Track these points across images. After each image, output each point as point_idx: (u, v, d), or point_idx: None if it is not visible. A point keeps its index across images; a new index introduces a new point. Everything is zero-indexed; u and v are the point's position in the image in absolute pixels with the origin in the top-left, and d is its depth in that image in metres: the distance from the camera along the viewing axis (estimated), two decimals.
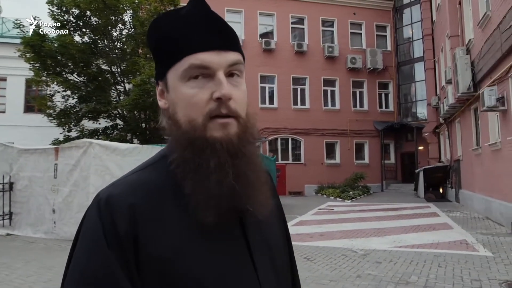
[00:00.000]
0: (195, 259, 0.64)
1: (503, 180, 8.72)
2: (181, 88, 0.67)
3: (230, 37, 0.71)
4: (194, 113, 0.66)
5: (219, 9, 19.47)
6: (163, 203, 0.66)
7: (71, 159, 7.90)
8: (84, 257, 0.62)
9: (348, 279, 4.90)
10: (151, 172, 0.71)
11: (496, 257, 5.86)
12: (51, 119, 13.21)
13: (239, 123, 0.68)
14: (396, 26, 22.62)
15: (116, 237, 0.61)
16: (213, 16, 0.70)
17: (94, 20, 12.86)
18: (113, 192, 0.65)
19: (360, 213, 11.69)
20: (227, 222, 0.68)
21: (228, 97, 0.65)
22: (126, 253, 0.61)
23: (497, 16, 8.45)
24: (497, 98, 8.40)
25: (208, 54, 0.66)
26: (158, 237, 0.63)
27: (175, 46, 0.68)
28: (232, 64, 0.68)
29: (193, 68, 0.66)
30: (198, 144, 0.65)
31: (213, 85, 0.66)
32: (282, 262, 0.78)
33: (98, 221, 0.62)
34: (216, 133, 0.66)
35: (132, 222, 0.62)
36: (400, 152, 22.03)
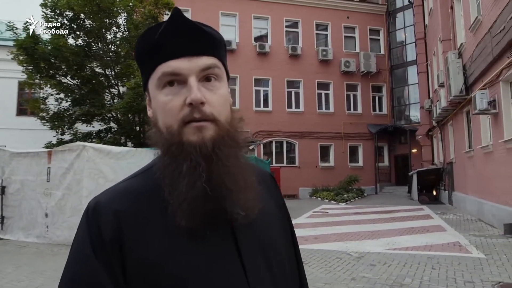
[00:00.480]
0: (179, 263, 0.64)
1: (494, 183, 8.81)
2: (158, 96, 0.69)
3: (204, 42, 0.70)
4: (170, 119, 0.67)
5: (214, 13, 19.53)
6: (148, 209, 0.67)
7: (64, 163, 7.85)
8: (72, 265, 0.65)
9: (342, 281, 4.92)
10: (141, 179, 0.73)
11: (488, 259, 5.91)
12: (44, 122, 13.11)
13: (217, 126, 0.68)
14: (389, 30, 22.82)
15: (101, 244, 0.63)
16: (186, 25, 0.70)
17: (88, 23, 12.81)
18: (100, 200, 0.68)
19: (355, 216, 11.73)
20: (214, 227, 0.68)
21: (198, 102, 0.66)
22: (112, 259, 0.63)
23: (488, 20, 8.56)
24: (489, 101, 8.50)
25: (179, 61, 0.67)
26: (142, 243, 0.64)
27: (150, 57, 0.70)
28: (205, 69, 0.69)
29: (166, 76, 0.68)
30: (174, 149, 0.67)
31: (186, 91, 0.67)
32: (281, 263, 0.77)
33: (86, 229, 0.65)
34: (192, 137, 0.66)
35: (117, 228, 0.64)
36: (393, 154, 22.17)
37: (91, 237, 0.64)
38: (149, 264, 0.63)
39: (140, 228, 0.65)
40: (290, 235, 0.88)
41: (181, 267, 0.64)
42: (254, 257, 0.72)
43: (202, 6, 19.37)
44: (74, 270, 0.64)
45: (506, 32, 7.28)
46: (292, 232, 0.89)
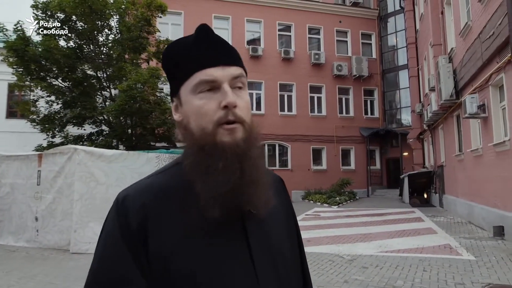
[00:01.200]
0: (194, 256, 0.71)
1: (484, 186, 8.92)
2: (193, 100, 0.76)
3: (232, 54, 0.80)
4: (204, 121, 0.75)
5: (207, 16, 19.53)
6: (171, 204, 0.74)
7: (55, 166, 7.78)
8: (102, 248, 0.73)
9: (335, 284, 4.93)
10: (165, 176, 0.80)
11: (478, 261, 5.98)
12: (35, 124, 12.95)
13: (244, 128, 0.76)
14: (381, 34, 23.03)
15: (129, 232, 0.70)
16: (216, 38, 0.80)
17: (79, 25, 12.72)
18: (129, 193, 0.75)
19: (347, 219, 11.78)
20: (229, 222, 0.74)
21: (233, 105, 0.74)
22: (137, 246, 0.70)
23: (478, 26, 8.69)
24: (478, 105, 8.61)
25: (215, 69, 0.76)
26: (163, 234, 0.71)
27: (186, 65, 0.77)
28: (235, 77, 0.78)
29: (203, 82, 0.75)
30: (208, 148, 0.73)
31: (220, 96, 0.75)
32: (286, 261, 0.83)
33: (115, 218, 0.73)
34: (225, 138, 0.74)
35: (143, 219, 0.71)
36: (385, 158, 22.33)
37: (120, 225, 0.71)
38: (167, 254, 0.70)
39: (162, 220, 0.72)
40: (296, 237, 0.93)
41: (195, 260, 0.71)
42: (263, 255, 0.77)
43: (195, 9, 19.37)
44: (104, 253, 0.72)
45: (495, 37, 7.40)
46: (298, 234, 0.95)
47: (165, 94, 14.00)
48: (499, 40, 7.23)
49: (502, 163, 7.60)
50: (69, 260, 6.51)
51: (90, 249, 7.04)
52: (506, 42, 6.95)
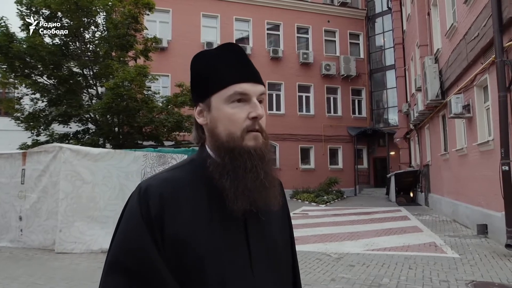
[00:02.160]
0: (202, 244, 0.81)
1: (468, 184, 9.08)
2: (225, 108, 0.87)
3: (258, 74, 0.92)
4: (234, 127, 0.86)
5: (195, 14, 19.45)
6: (184, 195, 0.85)
7: (40, 164, 7.64)
8: (125, 227, 0.83)
9: (322, 282, 4.96)
10: (182, 171, 0.90)
11: (462, 258, 6.08)
12: (19, 122, 12.71)
13: (263, 137, 0.89)
14: (368, 35, 23.25)
15: (149, 218, 0.80)
16: (248, 59, 0.92)
17: (65, 22, 12.51)
18: (151, 184, 0.85)
19: (334, 217, 11.86)
20: (233, 218, 0.85)
21: (261, 116, 0.87)
22: (155, 230, 0.80)
23: (463, 27, 8.83)
24: (463, 105, 8.76)
25: (248, 84, 0.88)
26: (178, 222, 0.81)
27: (221, 77, 0.88)
28: (261, 94, 0.90)
29: (237, 94, 0.86)
30: (237, 151, 0.85)
31: (249, 107, 0.87)
32: (280, 258, 0.94)
33: (137, 205, 0.82)
34: (250, 142, 0.86)
35: (161, 208, 0.81)
36: (372, 157, 22.56)
37: (141, 211, 0.81)
38: (179, 240, 0.80)
39: (178, 210, 0.82)
40: (289, 235, 1.05)
41: (201, 247, 0.81)
42: (259, 248, 0.88)
43: (184, 7, 19.25)
44: (125, 233, 0.82)
45: (480, 38, 7.53)
46: (291, 235, 1.07)
47: (153, 93, 13.88)
48: (483, 41, 7.36)
49: (486, 163, 7.74)
50: (54, 260, 6.41)
51: (76, 248, 6.95)
52: (490, 44, 7.08)
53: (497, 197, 6.77)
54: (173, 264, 0.79)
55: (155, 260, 0.78)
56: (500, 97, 6.52)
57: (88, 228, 7.07)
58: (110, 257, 0.82)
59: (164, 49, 18.33)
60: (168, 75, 18.14)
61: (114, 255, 0.81)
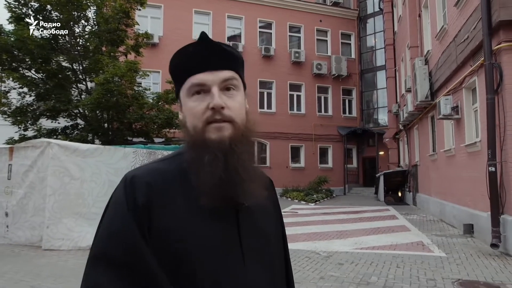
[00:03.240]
0: (189, 235, 0.79)
1: (455, 185, 9.21)
2: (187, 102, 0.87)
3: (224, 59, 0.88)
4: (196, 120, 0.84)
5: (187, 10, 19.32)
6: (173, 187, 0.83)
7: (27, 160, 7.52)
8: (110, 217, 0.81)
9: (311, 280, 4.99)
10: (169, 163, 0.89)
11: (449, 257, 6.17)
12: (6, 117, 12.47)
13: (233, 127, 0.84)
14: (360, 35, 23.38)
15: (135, 206, 0.78)
16: (211, 44, 0.88)
17: (55, 15, 12.31)
18: (136, 173, 0.83)
19: (324, 216, 11.92)
20: (223, 210, 0.83)
21: (219, 106, 0.82)
22: (143, 220, 0.78)
23: (453, 29, 8.94)
24: (452, 107, 8.87)
25: (204, 74, 0.85)
26: (164, 213, 0.79)
27: (181, 71, 0.88)
28: (225, 80, 0.86)
29: (194, 86, 0.85)
30: (198, 144, 0.83)
31: (209, 98, 0.83)
32: (272, 252, 0.92)
33: (123, 194, 0.80)
34: (212, 135, 0.83)
35: (147, 197, 0.79)
36: (362, 156, 22.74)
37: (127, 200, 0.79)
38: (166, 230, 0.78)
39: (165, 201, 0.80)
40: (281, 235, 1.03)
41: (190, 239, 0.79)
42: (250, 241, 0.86)
43: (176, 3, 19.12)
44: (110, 225, 0.80)
45: (470, 41, 7.63)
46: (283, 232, 1.05)
47: (143, 89, 13.76)
48: (473, 44, 7.46)
49: (473, 163, 7.86)
50: (41, 257, 6.32)
51: (63, 245, 6.87)
52: (479, 46, 7.17)
53: (484, 197, 6.88)
54: (161, 256, 0.77)
55: (143, 251, 0.76)
56: (488, 99, 6.62)
57: (76, 225, 6.99)
58: (95, 249, 0.79)
59: (155, 45, 18.19)
60: (159, 71, 18.00)
61: (100, 247, 0.78)
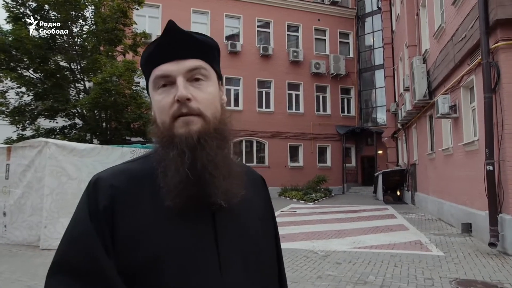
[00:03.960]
0: (158, 240, 0.73)
1: (453, 184, 9.22)
2: (154, 96, 0.80)
3: (190, 47, 0.80)
4: (163, 115, 0.77)
5: (185, 9, 19.29)
6: (141, 189, 0.77)
7: (25, 159, 7.51)
8: (72, 223, 0.76)
9: (308, 280, 4.99)
10: (139, 163, 0.83)
11: (447, 256, 6.18)
12: (3, 116, 12.44)
13: (203, 120, 0.77)
14: (358, 34, 23.38)
15: (96, 211, 0.73)
16: (178, 33, 0.79)
17: (53, 15, 12.29)
18: (101, 175, 0.78)
19: (322, 215, 11.93)
20: (196, 212, 0.77)
21: (184, 98, 0.75)
22: (104, 225, 0.72)
23: (451, 28, 8.94)
24: (450, 106, 8.88)
25: (167, 64, 0.78)
26: (131, 216, 0.74)
27: (147, 64, 0.82)
28: (191, 70, 0.78)
29: (158, 78, 0.79)
30: (165, 140, 0.77)
31: (175, 90, 0.76)
32: (257, 254, 0.84)
33: (85, 199, 0.76)
34: (180, 129, 0.75)
35: (111, 199, 0.74)
36: (360, 155, 22.75)
37: (89, 205, 0.74)
38: (131, 236, 0.72)
39: (131, 203, 0.75)
40: (273, 233, 0.96)
41: (159, 244, 0.72)
42: (229, 243, 0.79)
43: (173, 2, 19.08)
44: (71, 231, 0.75)
45: (467, 40, 7.63)
46: (276, 232, 0.99)
47: (141, 88, 13.74)
48: (470, 42, 7.47)
49: (471, 162, 7.87)
50: (39, 257, 6.31)
51: None
52: (477, 45, 7.18)
53: (481, 196, 6.89)
54: (126, 263, 0.71)
55: (101, 258, 0.70)
56: (486, 98, 6.62)
57: None
58: (56, 256, 0.75)
59: None
60: None
61: (59, 254, 0.75)
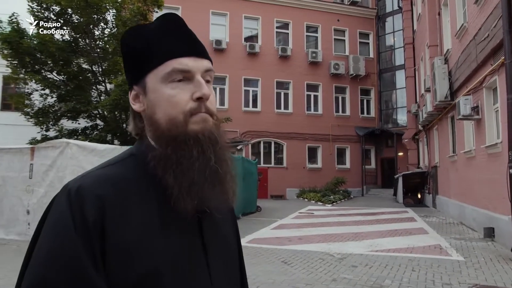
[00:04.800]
0: (152, 254, 0.68)
1: (475, 187, 8.97)
2: (163, 89, 0.73)
3: (203, 48, 0.78)
4: (175, 111, 0.72)
5: (204, 11, 19.49)
6: (129, 196, 0.70)
7: (47, 159, 7.73)
8: (51, 241, 0.64)
9: (323, 282, 4.95)
10: (120, 167, 0.74)
11: (467, 261, 6.02)
12: (28, 117, 12.88)
13: (214, 120, 0.76)
14: (378, 34, 23.06)
15: (84, 226, 0.64)
16: (187, 28, 0.78)
17: (75, 18, 12.63)
18: (83, 184, 0.68)
19: (340, 217, 11.81)
20: (186, 219, 0.72)
21: (207, 96, 0.73)
22: (93, 241, 0.64)
23: (473, 27, 8.71)
24: (472, 107, 8.64)
25: (189, 59, 0.74)
26: (122, 228, 0.67)
27: (156, 52, 0.73)
28: (207, 70, 0.76)
29: (176, 71, 0.72)
30: (181, 139, 0.71)
31: (193, 87, 0.73)
32: (233, 260, 0.85)
33: (67, 210, 0.65)
34: (196, 126, 0.72)
35: (100, 212, 0.65)
36: (380, 157, 22.41)
37: (74, 218, 0.64)
38: (127, 250, 0.66)
39: (121, 213, 0.68)
40: (236, 236, 0.92)
41: (156, 257, 0.68)
42: (216, 255, 0.78)
43: (193, 4, 19.29)
44: (54, 244, 0.64)
45: (490, 39, 7.42)
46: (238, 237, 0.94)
47: None
48: (493, 42, 7.26)
49: (493, 165, 7.64)
50: None
51: None
52: (500, 45, 6.97)
53: (505, 200, 6.67)
54: (117, 282, 0.65)
55: (93, 279, 0.62)
56: (509, 99, 6.42)
57: None
58: (31, 277, 0.64)
59: None
60: None
61: (38, 274, 0.63)
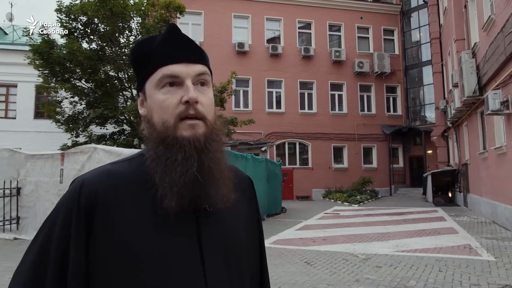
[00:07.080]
0: (144, 246, 0.72)
1: (508, 184, 8.60)
2: (156, 94, 0.79)
3: (197, 52, 0.83)
4: (166, 115, 0.77)
5: (226, 15, 19.66)
6: (127, 192, 0.77)
7: (76, 164, 8.03)
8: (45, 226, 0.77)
9: (346, 283, 4.89)
10: (126, 165, 0.83)
11: (498, 262, 5.79)
12: (59, 124, 13.41)
13: (206, 125, 0.79)
14: (403, 30, 22.53)
15: (77, 209, 0.73)
16: (183, 37, 0.83)
17: (101, 27, 13.05)
18: (85, 176, 0.78)
19: (366, 218, 11.61)
20: (182, 217, 0.76)
21: (194, 100, 0.76)
22: (81, 222, 0.73)
23: (501, 19, 8.38)
24: (502, 101, 8.31)
25: (178, 65, 0.79)
26: (115, 220, 0.73)
27: (151, 61, 0.80)
28: (199, 74, 0.81)
29: (165, 77, 0.78)
30: (169, 141, 0.76)
31: (182, 91, 0.77)
32: (242, 261, 0.84)
33: (67, 202, 0.75)
34: (185, 132, 0.76)
35: (92, 200, 0.74)
36: (408, 156, 21.86)
37: (71, 209, 0.74)
38: (117, 242, 0.72)
39: (115, 206, 0.75)
40: (258, 240, 0.95)
41: (143, 250, 0.72)
42: (215, 254, 0.78)
43: (215, 8, 19.52)
44: (46, 230, 0.76)
45: None
46: (260, 235, 0.97)
47: None
48: None
49: None
50: None
51: None
52: None
53: None
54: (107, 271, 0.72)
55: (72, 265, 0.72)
56: None
57: None
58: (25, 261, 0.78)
59: None
60: None
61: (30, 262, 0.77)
